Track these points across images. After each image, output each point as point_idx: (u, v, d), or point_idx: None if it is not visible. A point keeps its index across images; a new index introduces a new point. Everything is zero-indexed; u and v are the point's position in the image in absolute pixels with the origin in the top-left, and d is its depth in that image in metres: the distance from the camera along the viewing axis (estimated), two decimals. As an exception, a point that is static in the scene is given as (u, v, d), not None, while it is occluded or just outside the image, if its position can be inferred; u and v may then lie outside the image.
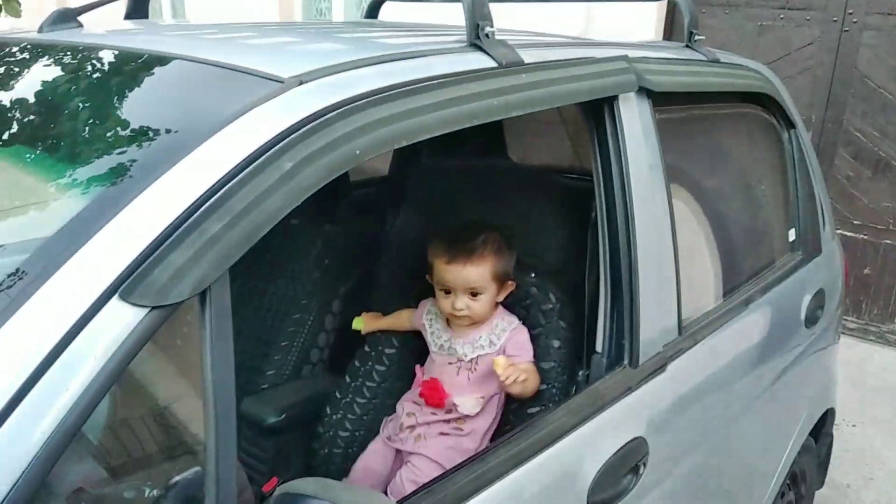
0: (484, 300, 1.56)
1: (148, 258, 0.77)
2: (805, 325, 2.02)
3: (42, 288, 0.73)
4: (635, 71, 1.47)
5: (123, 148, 0.90)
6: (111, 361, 0.73)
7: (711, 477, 1.71)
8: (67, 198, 0.87)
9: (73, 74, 1.12)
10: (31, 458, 0.68)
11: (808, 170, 2.15)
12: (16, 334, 0.71)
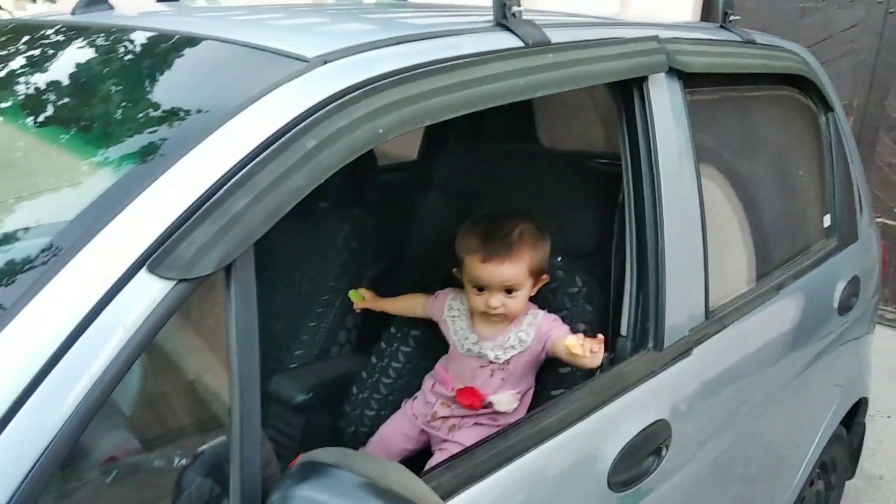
0: (520, 297, 1.49)
1: (174, 233, 0.79)
2: (838, 312, 1.99)
3: (73, 260, 0.76)
4: (666, 51, 1.46)
5: (152, 127, 0.92)
6: (140, 331, 0.76)
7: (737, 463, 1.70)
8: (99, 175, 0.90)
9: (103, 56, 1.14)
10: (63, 422, 0.70)
11: (845, 155, 2.11)
12: (48, 304, 0.74)
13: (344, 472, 0.79)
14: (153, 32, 1.14)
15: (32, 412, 0.70)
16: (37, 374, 0.70)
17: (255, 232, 0.84)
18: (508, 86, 1.14)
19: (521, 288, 1.49)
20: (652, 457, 1.34)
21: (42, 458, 0.69)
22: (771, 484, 1.95)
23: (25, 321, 0.73)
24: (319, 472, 0.80)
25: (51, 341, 0.72)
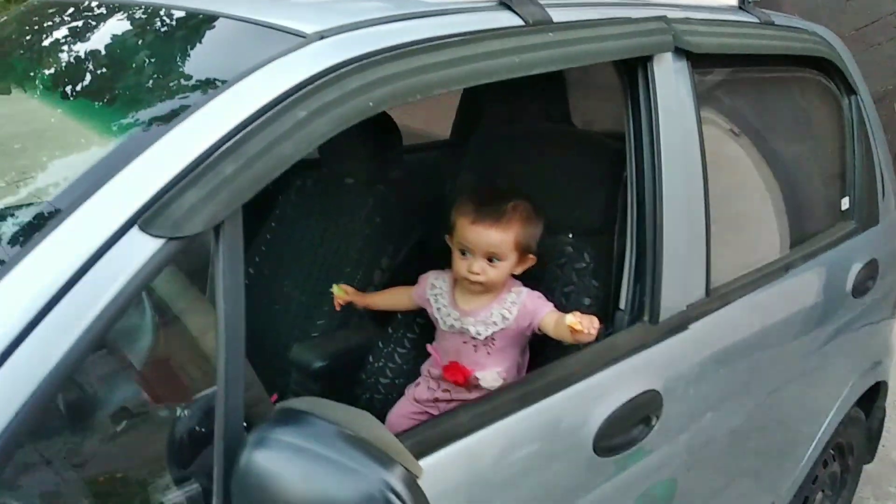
0: (502, 268, 1.48)
1: (165, 194, 0.84)
2: (853, 295, 1.96)
3: (71, 216, 0.81)
4: (673, 31, 1.45)
5: (151, 97, 0.98)
6: (130, 284, 0.81)
7: (737, 439, 1.69)
8: (99, 141, 0.95)
9: (106, 30, 1.20)
10: (59, 359, 0.76)
11: (868, 138, 2.05)
12: (46, 257, 0.79)
13: (316, 419, 0.84)
14: (158, 7, 1.19)
15: (33, 348, 0.75)
16: (36, 314, 0.76)
17: (244, 195, 0.89)
18: (502, 63, 1.16)
19: (504, 259, 1.48)
20: (641, 425, 1.35)
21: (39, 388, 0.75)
22: (775, 462, 1.94)
23: (29, 267, 0.78)
24: (295, 418, 0.84)
25: (46, 291, 0.77)
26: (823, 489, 2.32)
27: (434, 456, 1.06)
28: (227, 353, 0.87)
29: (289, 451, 0.81)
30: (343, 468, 0.80)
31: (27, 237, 0.81)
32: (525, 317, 1.49)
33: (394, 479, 0.79)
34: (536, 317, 1.48)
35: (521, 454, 1.20)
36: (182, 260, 0.90)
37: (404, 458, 0.83)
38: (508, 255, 1.48)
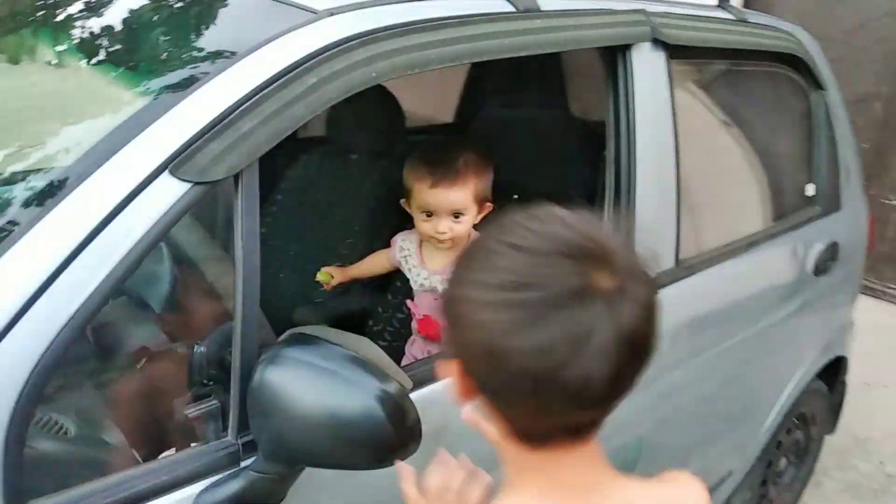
0: (466, 222, 1.50)
1: (192, 145, 0.93)
2: (814, 273, 2.04)
3: (110, 160, 0.90)
4: (651, 24, 1.53)
5: (179, 61, 1.06)
6: (160, 222, 0.90)
7: (699, 402, 1.78)
8: (134, 99, 1.04)
9: (141, 4, 1.28)
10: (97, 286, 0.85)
11: (832, 130, 2.13)
12: (86, 195, 0.88)
13: (322, 341, 0.92)
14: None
15: (74, 275, 0.84)
16: (80, 243, 0.84)
17: (260, 148, 0.97)
18: (493, 45, 1.24)
19: (467, 213, 1.49)
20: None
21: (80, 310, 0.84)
22: (738, 426, 2.02)
23: (74, 202, 0.87)
24: (303, 339, 0.93)
25: (87, 225, 0.86)
26: (787, 455, 2.41)
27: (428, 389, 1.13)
28: (244, 286, 0.96)
29: (297, 367, 0.90)
30: (345, 381, 0.88)
31: (74, 177, 0.89)
32: None
33: (389, 390, 0.88)
34: None
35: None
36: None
37: (397, 374, 0.92)
38: (470, 209, 1.50)
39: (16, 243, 0.84)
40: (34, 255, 0.84)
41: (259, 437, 0.93)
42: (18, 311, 0.81)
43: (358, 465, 0.94)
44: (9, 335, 0.80)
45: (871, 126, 4.12)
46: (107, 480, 0.90)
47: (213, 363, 1.03)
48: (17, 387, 0.80)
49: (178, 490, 0.93)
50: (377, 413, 0.88)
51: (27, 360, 0.81)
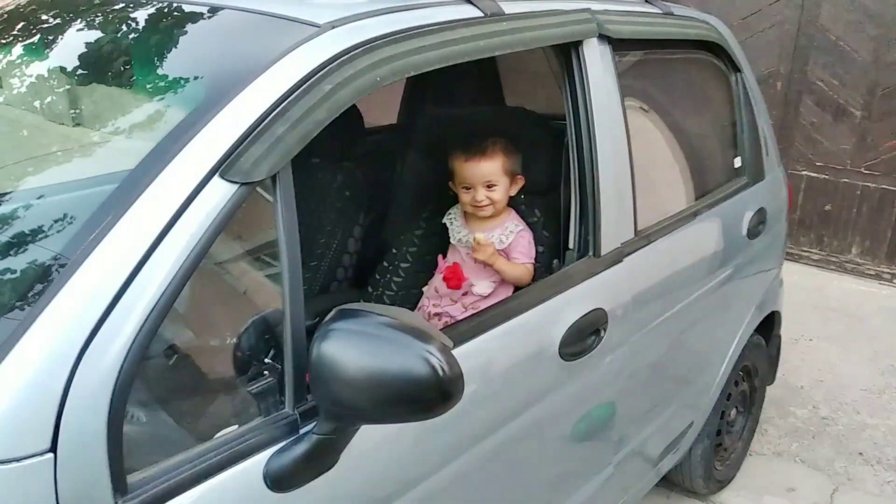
0: (499, 191, 1.82)
1: (236, 150, 1.06)
2: (748, 237, 2.32)
3: (166, 169, 1.02)
4: (596, 21, 1.74)
5: (214, 76, 1.19)
6: (216, 221, 1.03)
7: (663, 351, 2.01)
8: (175, 111, 1.16)
9: (165, 24, 1.40)
10: (171, 278, 0.97)
11: (752, 107, 2.42)
12: (153, 198, 1.00)
13: (367, 312, 1.07)
14: (198, 5, 1.40)
15: (150, 271, 0.96)
16: (153, 241, 0.97)
17: (293, 150, 1.11)
18: (472, 47, 1.42)
19: (499, 183, 1.82)
20: (593, 336, 1.64)
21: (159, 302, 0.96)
22: (694, 382, 2.27)
23: (146, 202, 1.00)
24: (349, 313, 1.07)
25: (160, 220, 0.98)
26: (736, 406, 2.69)
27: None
28: (289, 274, 1.10)
29: (348, 337, 1.04)
30: (391, 343, 1.03)
31: (138, 181, 1.01)
32: (512, 247, 1.81)
33: (433, 349, 1.03)
34: (512, 257, 1.81)
35: (504, 357, 1.46)
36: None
37: (438, 335, 1.08)
38: (501, 180, 1.83)
39: (98, 243, 0.96)
40: (116, 255, 0.96)
41: (320, 402, 1.07)
42: (108, 305, 0.92)
43: (408, 418, 1.09)
44: (101, 329, 0.92)
45: (774, 103, 4.54)
46: (186, 455, 1.02)
47: (262, 344, 1.16)
48: (114, 374, 0.92)
49: (249, 458, 1.06)
50: (423, 369, 1.03)
51: (120, 348, 0.93)
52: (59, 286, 0.93)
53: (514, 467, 1.59)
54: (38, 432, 0.88)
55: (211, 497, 1.03)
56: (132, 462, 0.96)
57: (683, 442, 2.30)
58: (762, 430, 3.05)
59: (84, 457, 0.91)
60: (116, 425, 0.93)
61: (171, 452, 1.01)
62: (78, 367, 0.90)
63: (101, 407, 0.92)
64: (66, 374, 0.89)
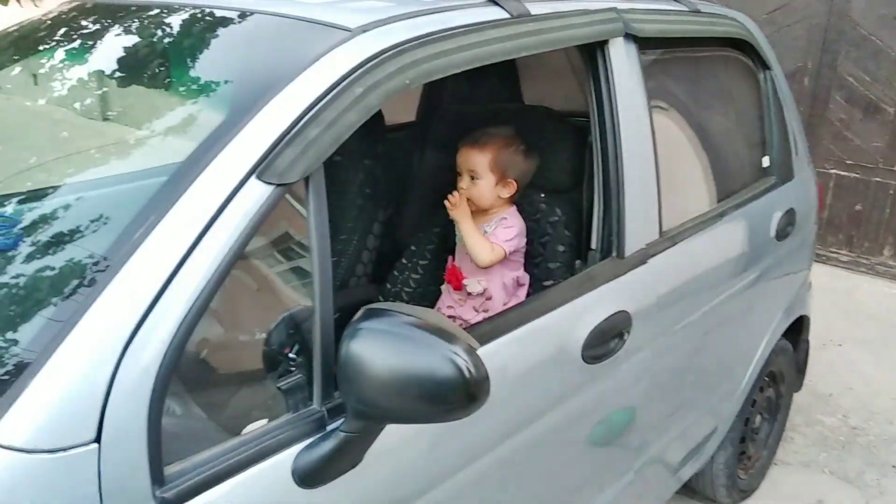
0: (481, 185, 1.87)
1: (272, 152, 1.14)
2: (776, 238, 2.37)
3: (206, 170, 1.10)
4: (623, 20, 1.81)
5: (249, 78, 1.27)
6: (253, 221, 1.10)
7: (687, 355, 2.08)
8: (213, 114, 1.24)
9: (198, 29, 1.48)
10: (211, 274, 1.05)
11: (781, 106, 2.48)
12: (194, 198, 1.08)
13: (394, 312, 1.14)
14: (231, 10, 1.48)
15: (191, 269, 1.04)
16: (194, 239, 1.05)
17: (325, 152, 1.19)
18: (498, 48, 1.49)
19: (482, 177, 1.87)
20: (616, 339, 1.71)
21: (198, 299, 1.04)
22: (717, 387, 2.33)
23: (184, 204, 1.08)
24: (377, 313, 1.15)
25: (200, 221, 1.06)
26: (761, 412, 2.75)
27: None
28: (319, 273, 1.18)
29: (375, 336, 1.11)
30: (419, 344, 1.10)
31: (179, 182, 1.10)
32: (495, 230, 1.88)
33: (459, 350, 1.10)
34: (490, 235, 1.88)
35: (525, 359, 1.54)
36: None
37: (464, 336, 1.15)
38: (485, 174, 1.88)
39: (141, 243, 1.04)
40: (158, 254, 1.04)
41: (347, 400, 1.15)
42: (150, 303, 1.00)
43: (433, 419, 1.17)
44: (143, 326, 1.00)
45: (801, 100, 4.58)
46: (219, 448, 1.10)
47: (290, 341, 1.24)
48: (154, 369, 1.00)
49: (278, 454, 1.14)
50: (449, 370, 1.10)
51: (161, 344, 1.01)
52: (104, 284, 1.01)
53: (534, 471, 1.66)
54: (85, 424, 0.96)
55: (242, 491, 1.11)
56: (169, 454, 1.04)
57: (706, 449, 2.37)
58: (788, 438, 3.10)
59: (126, 448, 0.99)
60: (156, 418, 1.01)
61: (204, 446, 1.09)
62: (121, 362, 0.98)
63: (143, 400, 1.00)
64: (111, 369, 0.97)
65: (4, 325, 1.09)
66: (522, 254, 1.97)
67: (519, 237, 1.92)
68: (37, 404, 0.94)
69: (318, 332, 1.18)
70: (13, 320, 1.10)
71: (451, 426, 1.21)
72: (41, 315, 1.07)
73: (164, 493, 1.02)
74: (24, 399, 0.94)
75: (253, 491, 1.13)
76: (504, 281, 1.93)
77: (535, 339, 1.55)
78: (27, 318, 1.10)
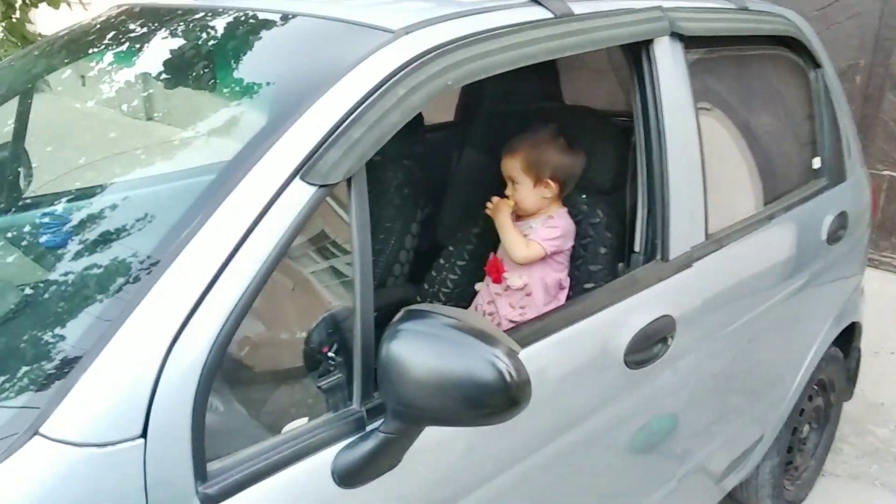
0: (520, 190, 1.90)
1: (315, 153, 1.16)
2: (827, 242, 2.34)
3: (252, 171, 1.13)
4: (668, 18, 1.80)
5: (294, 80, 1.30)
6: (296, 221, 1.13)
7: (733, 361, 2.05)
8: (258, 116, 1.27)
9: (242, 32, 1.53)
10: (259, 268, 1.08)
11: (833, 105, 2.44)
12: (239, 199, 1.11)
13: (435, 314, 1.16)
14: (275, 13, 1.52)
15: (236, 268, 1.07)
16: (239, 239, 1.08)
17: (368, 153, 1.21)
18: (541, 48, 1.50)
19: (520, 182, 1.90)
20: (660, 344, 1.70)
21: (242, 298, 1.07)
22: (764, 395, 2.30)
23: (233, 201, 1.11)
24: (417, 314, 1.17)
25: (245, 221, 1.09)
26: (810, 422, 2.71)
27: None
28: (360, 274, 1.20)
29: (416, 338, 1.13)
30: (460, 346, 1.12)
31: (225, 183, 1.13)
32: (537, 230, 1.89)
33: (500, 353, 1.12)
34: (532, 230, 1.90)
35: (566, 363, 1.54)
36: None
37: (505, 339, 1.16)
38: (521, 178, 1.91)
39: (188, 243, 1.07)
40: (204, 253, 1.07)
41: (387, 401, 1.17)
42: (196, 301, 1.04)
43: (473, 422, 1.18)
44: (189, 324, 1.03)
45: (853, 99, 4.48)
46: (260, 446, 1.13)
47: (330, 341, 1.27)
48: (199, 366, 1.03)
49: (318, 453, 1.17)
50: (489, 373, 1.11)
51: (206, 342, 1.04)
52: (151, 282, 1.05)
53: (574, 477, 1.66)
54: (132, 419, 0.99)
55: (282, 489, 1.14)
56: (211, 451, 1.07)
57: (751, 458, 2.34)
58: (837, 449, 3.05)
59: (170, 443, 1.02)
60: (200, 415, 1.04)
61: (245, 443, 1.12)
62: (167, 359, 1.01)
63: (187, 397, 1.03)
64: (158, 365, 1.01)
65: (55, 322, 1.13)
66: (567, 256, 1.97)
67: (563, 239, 1.93)
68: (87, 400, 0.98)
69: (359, 333, 1.20)
70: (64, 316, 1.15)
71: (491, 429, 1.22)
72: (90, 312, 1.11)
73: (206, 489, 1.05)
74: (74, 394, 0.98)
75: (293, 490, 1.15)
76: (546, 281, 1.94)
77: (577, 342, 1.56)
78: (77, 315, 1.14)
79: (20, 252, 1.32)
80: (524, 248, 1.89)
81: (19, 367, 1.08)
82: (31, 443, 0.95)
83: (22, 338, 1.16)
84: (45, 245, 1.28)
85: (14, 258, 1.32)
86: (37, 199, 1.56)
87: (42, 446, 0.95)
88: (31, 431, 0.96)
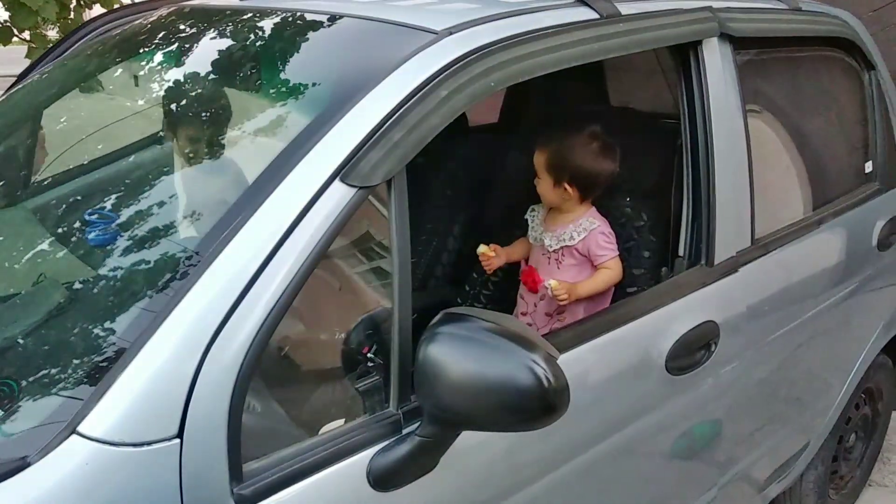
0: (541, 185, 1.85)
1: (356, 155, 1.13)
2: (878, 248, 2.22)
3: (293, 172, 1.10)
4: (718, 19, 1.72)
5: (336, 80, 1.27)
6: (336, 222, 1.10)
7: (778, 368, 1.96)
8: (300, 118, 1.25)
9: (288, 33, 1.51)
10: (298, 268, 1.05)
11: (886, 108, 2.32)
12: (280, 200, 1.08)
13: (473, 318, 1.11)
14: (321, 14, 1.49)
15: (275, 268, 1.04)
16: (279, 239, 1.05)
17: (408, 155, 1.17)
18: (585, 50, 1.44)
19: (541, 177, 1.84)
20: (703, 350, 1.63)
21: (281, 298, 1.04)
22: (810, 402, 2.20)
23: (271, 205, 1.08)
24: (456, 317, 1.12)
25: (284, 221, 1.06)
26: (856, 431, 2.58)
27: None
28: (399, 276, 1.16)
29: (454, 341, 1.09)
30: (496, 350, 1.07)
31: (266, 183, 1.10)
32: (586, 245, 1.82)
33: (538, 358, 1.07)
34: (594, 256, 1.81)
35: (607, 368, 1.48)
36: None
37: (544, 344, 1.11)
38: (542, 174, 1.85)
39: (229, 242, 1.05)
40: (244, 253, 1.04)
41: (424, 404, 1.12)
42: (235, 301, 1.01)
43: (510, 428, 1.13)
44: (227, 323, 1.01)
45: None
46: (296, 448, 1.09)
47: (368, 342, 1.23)
48: (236, 366, 1.01)
49: (354, 455, 1.13)
50: (527, 379, 1.06)
51: (244, 342, 1.01)
52: (192, 281, 1.02)
53: (614, 483, 1.60)
54: (169, 418, 0.97)
55: (317, 491, 1.10)
56: (247, 451, 1.05)
57: (795, 467, 2.24)
58: (884, 459, 2.91)
59: (207, 444, 1.00)
60: (237, 415, 1.01)
61: (282, 444, 1.09)
62: (206, 358, 0.99)
63: (225, 397, 1.00)
64: (195, 365, 0.98)
65: (95, 320, 1.12)
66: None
67: (609, 232, 1.85)
68: (124, 399, 0.96)
69: (397, 335, 1.17)
70: (102, 315, 1.13)
71: (529, 434, 1.17)
72: (129, 311, 1.10)
73: (241, 490, 1.03)
74: (112, 393, 0.96)
75: (328, 492, 1.12)
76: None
77: (618, 348, 1.50)
78: (116, 314, 1.13)
79: (67, 249, 1.31)
80: (615, 271, 1.80)
81: (58, 365, 1.07)
82: (68, 441, 0.93)
83: (62, 335, 1.15)
84: (92, 242, 1.27)
85: (61, 255, 1.31)
86: (84, 194, 1.56)
87: (79, 445, 0.93)
88: (69, 430, 0.94)
